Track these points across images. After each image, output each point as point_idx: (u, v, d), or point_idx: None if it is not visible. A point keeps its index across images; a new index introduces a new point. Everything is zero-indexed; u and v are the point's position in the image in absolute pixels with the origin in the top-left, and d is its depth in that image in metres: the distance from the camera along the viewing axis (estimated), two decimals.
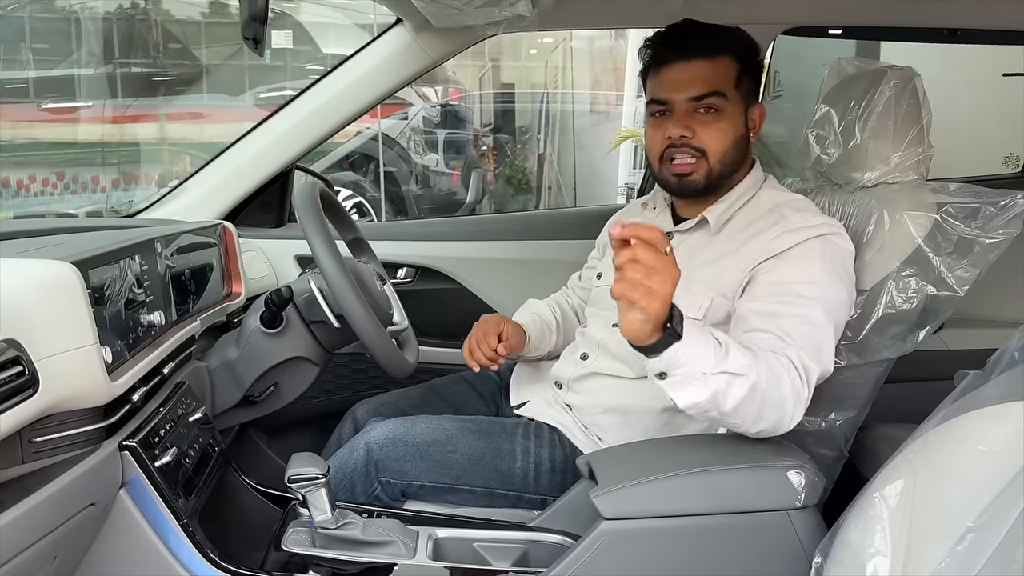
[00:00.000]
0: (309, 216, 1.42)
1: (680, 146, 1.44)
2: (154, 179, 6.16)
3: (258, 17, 1.13)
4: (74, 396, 1.06)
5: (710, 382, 1.14)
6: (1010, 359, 1.03)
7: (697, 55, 1.44)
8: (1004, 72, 3.44)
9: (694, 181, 1.45)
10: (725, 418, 1.21)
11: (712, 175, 1.45)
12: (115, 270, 1.20)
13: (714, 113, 1.43)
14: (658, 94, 1.47)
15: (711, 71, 1.43)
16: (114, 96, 6.42)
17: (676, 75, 1.44)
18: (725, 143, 1.44)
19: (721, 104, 1.43)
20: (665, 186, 1.53)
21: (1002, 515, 0.89)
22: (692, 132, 1.43)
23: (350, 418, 1.70)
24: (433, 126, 6.80)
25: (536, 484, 1.49)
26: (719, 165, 1.45)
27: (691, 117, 1.44)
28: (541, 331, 1.72)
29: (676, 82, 1.44)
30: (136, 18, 6.77)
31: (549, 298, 1.84)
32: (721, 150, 1.44)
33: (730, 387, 1.15)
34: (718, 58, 1.44)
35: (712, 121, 1.44)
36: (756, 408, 1.19)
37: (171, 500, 1.23)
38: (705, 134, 1.43)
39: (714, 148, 1.44)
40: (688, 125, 1.43)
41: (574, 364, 1.61)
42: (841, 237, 1.40)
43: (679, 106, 1.44)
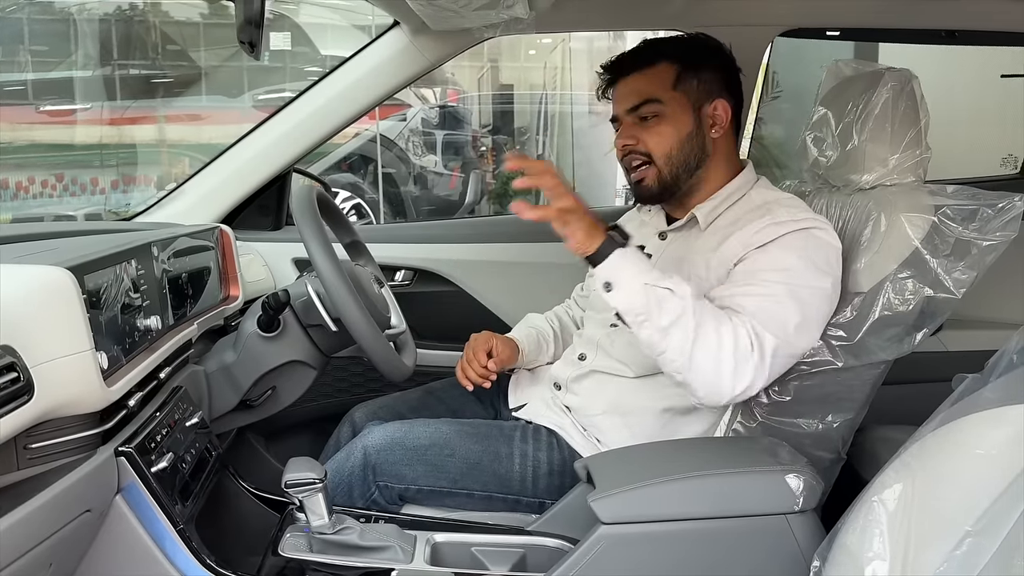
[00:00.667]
0: (306, 219, 1.42)
1: (630, 155, 1.53)
2: (153, 181, 6.15)
3: (254, 21, 1.13)
4: (70, 402, 1.06)
5: (648, 292, 1.27)
6: (1009, 362, 1.03)
7: (631, 70, 1.53)
8: (1002, 73, 3.44)
9: (648, 186, 1.53)
10: (663, 342, 1.28)
11: (663, 176, 1.51)
12: (111, 275, 1.20)
13: (654, 119, 1.50)
14: (612, 113, 1.57)
15: (644, 81, 1.51)
16: (112, 98, 6.41)
17: (618, 92, 1.55)
18: (668, 144, 1.50)
19: (658, 109, 1.50)
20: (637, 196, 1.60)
21: (1001, 519, 0.89)
22: (636, 139, 1.51)
23: (348, 421, 1.70)
24: (432, 127, 6.79)
25: (534, 487, 1.49)
26: (667, 166, 1.50)
27: (634, 127, 1.52)
28: (537, 343, 1.73)
29: (618, 98, 1.55)
30: (134, 20, 6.77)
31: (549, 311, 1.85)
32: (665, 152, 1.50)
33: (666, 301, 1.27)
34: (652, 66, 1.52)
35: (653, 126, 1.50)
36: (691, 337, 1.26)
37: (167, 506, 1.22)
38: (648, 139, 1.50)
39: (657, 151, 1.50)
40: (632, 134, 1.52)
41: (572, 365, 1.61)
42: (826, 232, 1.42)
43: (623, 119, 1.54)
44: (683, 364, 1.29)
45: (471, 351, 1.62)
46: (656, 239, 1.60)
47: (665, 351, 1.29)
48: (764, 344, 1.30)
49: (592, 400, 1.55)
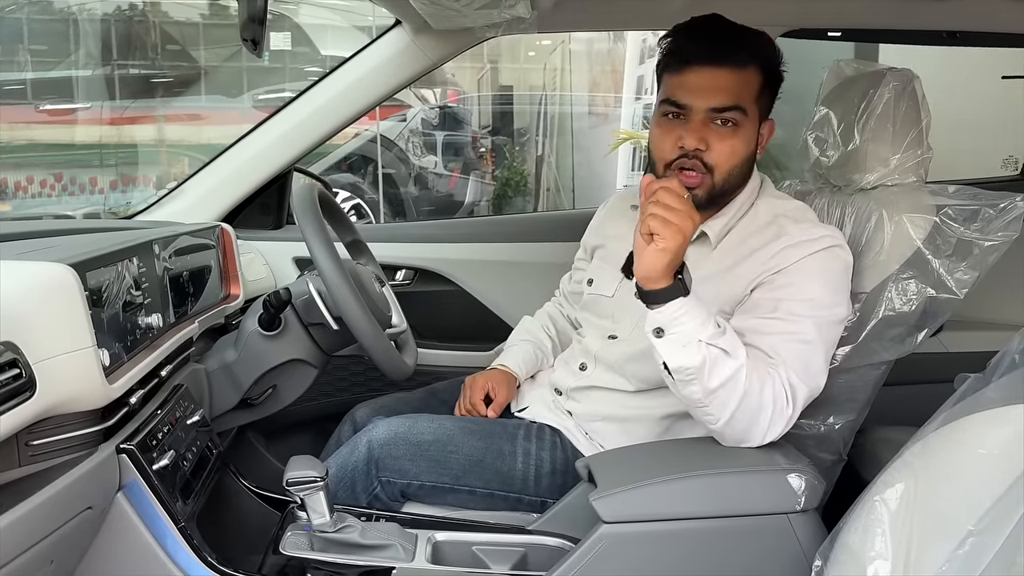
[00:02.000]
0: (308, 218, 1.42)
1: (691, 158, 1.37)
2: (152, 181, 6.16)
3: (257, 18, 1.13)
4: (71, 399, 1.06)
5: (703, 350, 1.18)
6: (1011, 362, 1.03)
7: (728, 63, 1.35)
8: (1003, 75, 3.44)
9: (696, 195, 1.36)
10: (705, 400, 1.22)
11: (715, 191, 1.40)
12: (113, 272, 1.20)
13: (731, 128, 1.37)
14: (677, 96, 1.37)
15: (737, 82, 1.36)
16: (112, 98, 6.41)
17: (701, 80, 1.36)
18: (734, 161, 1.38)
19: (740, 119, 1.36)
20: None
21: (1003, 519, 0.89)
22: (706, 145, 1.36)
23: (349, 420, 1.70)
24: (432, 128, 6.80)
25: (537, 486, 1.49)
26: (723, 183, 1.39)
27: (707, 128, 1.36)
28: (536, 359, 1.72)
29: (700, 87, 1.36)
30: (134, 20, 6.77)
31: (542, 313, 1.83)
32: (729, 168, 1.38)
33: (719, 363, 1.19)
34: (747, 69, 1.37)
35: (728, 136, 1.37)
36: (737, 399, 1.22)
37: (169, 503, 1.22)
38: (719, 150, 1.36)
39: (723, 166, 1.38)
40: (703, 137, 1.36)
41: (573, 375, 1.60)
42: (842, 248, 1.38)
43: (697, 114, 1.36)
44: (721, 420, 1.24)
45: (469, 401, 1.62)
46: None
47: (707, 407, 1.23)
48: (798, 397, 1.28)
49: (592, 408, 1.55)
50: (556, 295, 1.87)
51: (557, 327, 1.80)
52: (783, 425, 1.28)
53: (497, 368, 1.69)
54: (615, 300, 1.55)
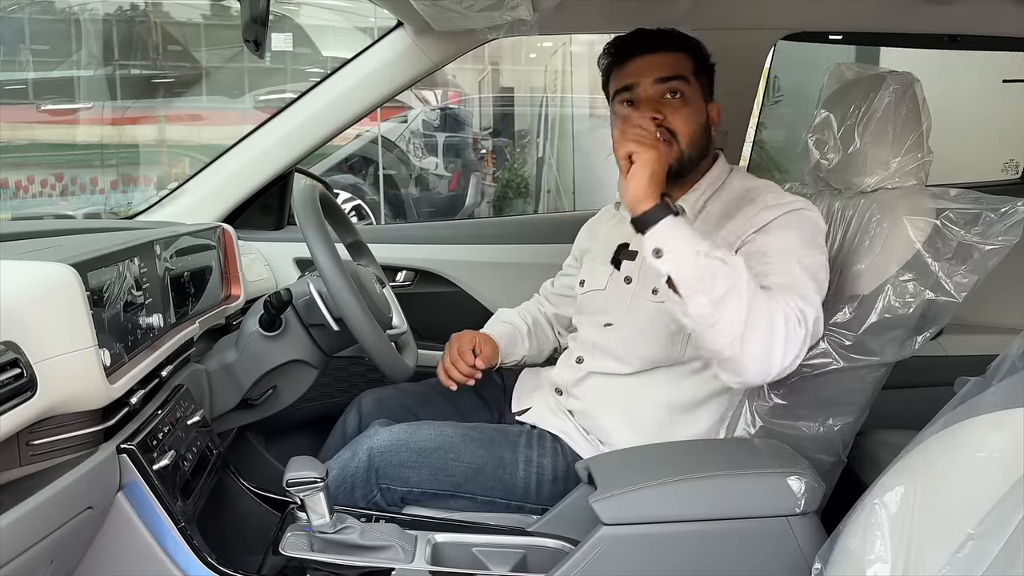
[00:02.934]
0: (309, 219, 1.42)
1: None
2: (153, 181, 6.16)
3: (259, 19, 1.13)
4: (72, 399, 1.06)
5: (701, 261, 1.21)
6: (1011, 365, 1.03)
7: (659, 48, 1.52)
8: (1004, 79, 3.44)
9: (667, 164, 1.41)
10: (715, 312, 1.21)
11: (683, 158, 1.49)
12: (114, 272, 1.20)
13: (680, 98, 1.49)
14: (626, 81, 1.52)
15: (672, 60, 1.51)
16: (113, 98, 6.41)
17: (642, 63, 1.51)
18: (692, 127, 1.50)
19: (685, 89, 1.49)
20: None
21: (1003, 522, 0.89)
22: (662, 115, 1.47)
23: (355, 408, 1.71)
24: (432, 129, 6.80)
25: (538, 494, 1.49)
26: (689, 148, 1.49)
27: (659, 102, 1.49)
28: (512, 338, 1.74)
29: (642, 68, 1.51)
30: (136, 20, 6.77)
31: (520, 307, 1.86)
32: (689, 133, 1.49)
33: (720, 272, 1.21)
34: (679, 53, 1.52)
35: (680, 106, 1.49)
36: (745, 307, 1.22)
37: (169, 503, 1.22)
38: (674, 117, 1.48)
39: (684, 131, 1.49)
40: (658, 109, 1.48)
41: (571, 368, 1.61)
42: (814, 212, 1.45)
43: (647, 90, 1.50)
44: (736, 335, 1.22)
45: (455, 351, 1.62)
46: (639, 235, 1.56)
47: (718, 322, 1.22)
48: (806, 316, 1.29)
49: (594, 402, 1.55)
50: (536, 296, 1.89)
51: (534, 318, 1.82)
52: (798, 345, 1.27)
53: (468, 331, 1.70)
54: (607, 292, 1.60)
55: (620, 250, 1.62)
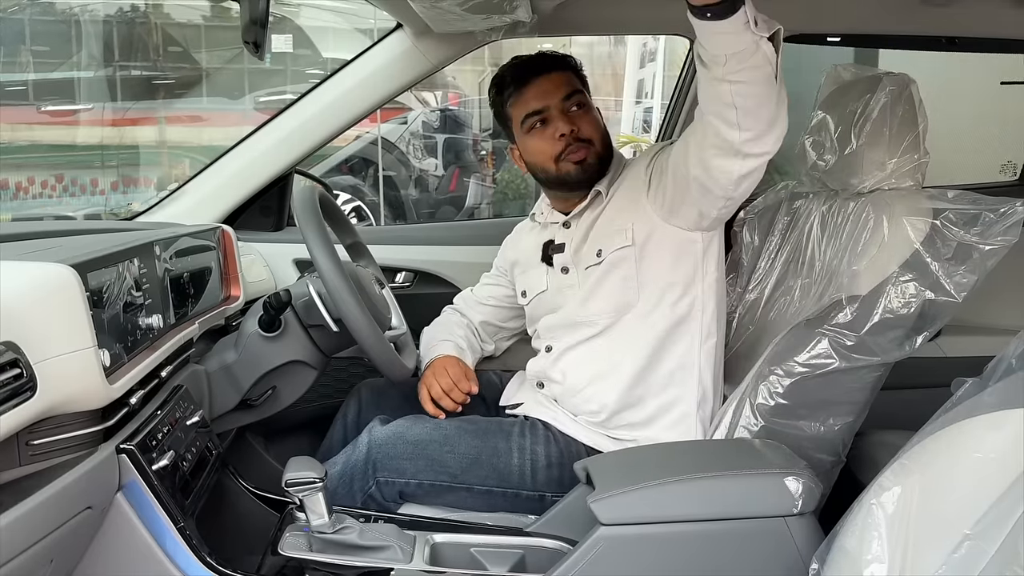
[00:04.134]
0: (308, 220, 1.42)
1: (571, 144, 1.61)
2: (153, 182, 6.16)
3: (259, 21, 1.13)
4: (72, 399, 1.06)
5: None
6: (1008, 366, 1.03)
7: (551, 69, 1.65)
8: (1002, 80, 3.44)
9: (591, 164, 1.63)
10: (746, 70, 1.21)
11: (601, 156, 1.65)
12: (114, 273, 1.20)
13: (583, 108, 1.64)
14: (532, 106, 1.64)
15: (564, 78, 1.65)
16: (114, 99, 6.41)
17: (541, 86, 1.64)
18: (599, 129, 1.66)
19: (584, 100, 1.65)
20: (566, 181, 1.65)
21: (1000, 523, 0.89)
22: (576, 126, 1.62)
23: (355, 398, 1.75)
24: (432, 131, 6.80)
25: (533, 480, 1.51)
26: (602, 148, 1.65)
27: (567, 117, 1.62)
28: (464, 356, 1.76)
29: (545, 91, 1.63)
30: (136, 21, 6.77)
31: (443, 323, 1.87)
32: (600, 136, 1.65)
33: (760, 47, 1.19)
34: (564, 71, 1.66)
35: (584, 114, 1.64)
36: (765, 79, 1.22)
37: (168, 503, 1.22)
38: (584, 125, 1.63)
39: (596, 135, 1.64)
40: (570, 121, 1.62)
41: (543, 358, 1.67)
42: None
43: (555, 108, 1.62)
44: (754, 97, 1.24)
45: (448, 380, 1.63)
46: (560, 229, 1.71)
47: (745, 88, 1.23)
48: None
49: (573, 379, 1.60)
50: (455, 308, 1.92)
51: (464, 332, 1.84)
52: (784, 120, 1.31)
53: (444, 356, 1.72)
54: (550, 290, 1.69)
55: (546, 248, 1.72)
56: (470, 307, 1.90)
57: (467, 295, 1.93)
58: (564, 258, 1.68)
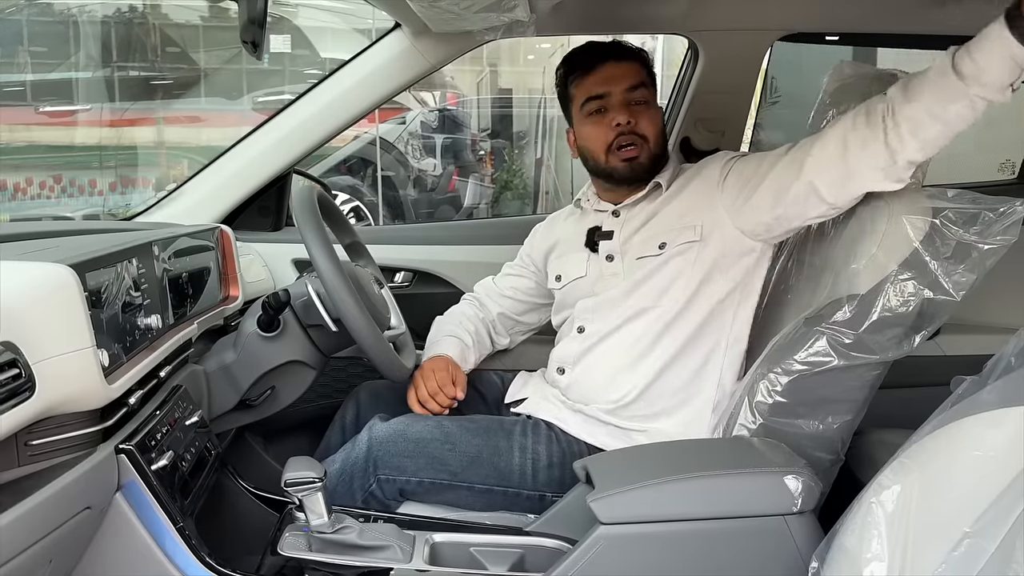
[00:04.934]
0: (307, 220, 1.42)
1: (626, 134, 1.61)
2: (151, 183, 6.15)
3: (257, 21, 1.13)
4: (71, 399, 1.06)
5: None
6: (1007, 364, 1.03)
7: (621, 58, 1.64)
8: None
9: (642, 163, 1.63)
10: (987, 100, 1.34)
11: (653, 156, 1.63)
12: (112, 273, 1.20)
13: (644, 104, 1.63)
14: (595, 90, 1.64)
15: (632, 68, 1.64)
16: (112, 100, 6.41)
17: (608, 72, 1.63)
18: (658, 128, 1.65)
19: (648, 96, 1.64)
20: (612, 175, 1.66)
21: (999, 520, 0.89)
22: (634, 120, 1.61)
23: (353, 400, 1.73)
24: (431, 131, 6.80)
25: (534, 480, 1.51)
26: (657, 148, 1.64)
27: (628, 108, 1.62)
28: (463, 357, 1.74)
29: (610, 77, 1.63)
30: (134, 22, 6.77)
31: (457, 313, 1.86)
32: (656, 134, 1.64)
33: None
34: (634, 61, 1.66)
35: (645, 110, 1.63)
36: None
37: (167, 503, 1.22)
38: (643, 121, 1.62)
39: (652, 132, 1.63)
40: (628, 114, 1.61)
41: (574, 340, 1.65)
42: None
43: (616, 97, 1.62)
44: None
45: (434, 384, 1.62)
46: (609, 217, 1.69)
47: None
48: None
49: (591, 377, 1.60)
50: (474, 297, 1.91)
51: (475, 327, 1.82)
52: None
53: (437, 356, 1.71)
54: (589, 276, 1.66)
55: (591, 234, 1.70)
56: (491, 298, 1.88)
57: (488, 284, 1.91)
58: (611, 246, 1.66)
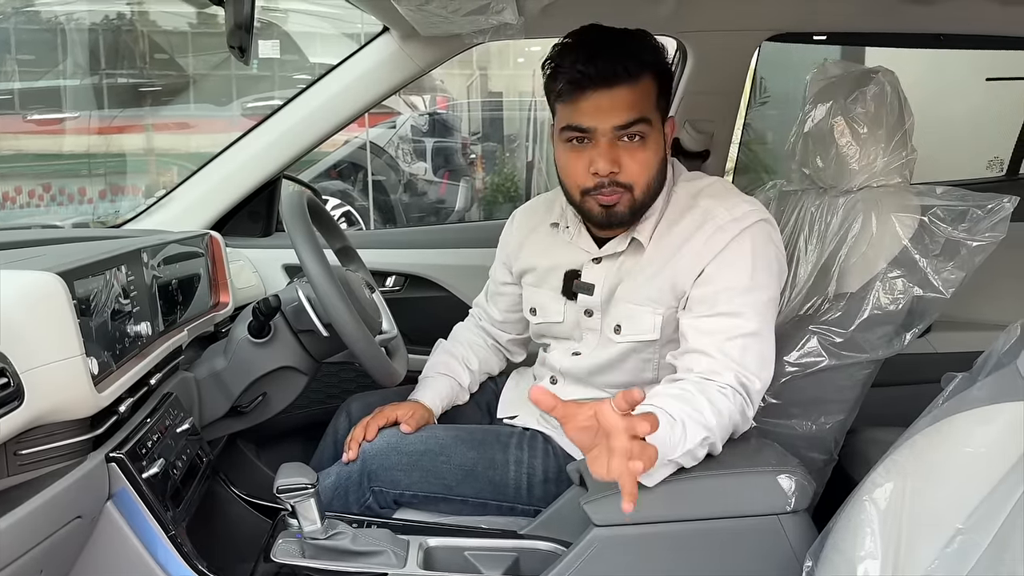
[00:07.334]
0: (296, 225, 1.41)
1: (605, 185, 1.35)
2: (141, 190, 6.13)
3: (243, 25, 1.13)
4: (60, 408, 1.05)
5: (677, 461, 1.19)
6: (997, 361, 1.04)
7: (621, 81, 1.31)
8: (987, 77, 3.47)
9: (620, 213, 1.37)
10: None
11: (636, 205, 1.38)
12: (101, 281, 1.19)
13: (639, 141, 1.34)
14: (578, 121, 1.34)
15: (634, 96, 1.32)
16: (100, 107, 6.39)
17: (599, 102, 1.32)
18: (650, 174, 1.37)
19: (646, 131, 1.34)
20: (588, 217, 1.44)
21: (991, 516, 0.89)
22: (619, 166, 1.34)
23: (344, 412, 1.69)
24: (421, 135, 6.79)
25: (529, 495, 1.49)
26: (643, 196, 1.38)
27: (615, 147, 1.34)
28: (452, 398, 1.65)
29: (599, 109, 1.32)
30: (122, 29, 6.75)
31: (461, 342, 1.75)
32: (646, 182, 1.37)
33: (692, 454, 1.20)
34: (641, 80, 1.33)
35: (638, 150, 1.34)
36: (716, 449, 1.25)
37: (159, 512, 1.22)
38: (632, 167, 1.34)
39: (640, 181, 1.36)
40: (614, 158, 1.33)
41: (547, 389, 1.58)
42: (768, 222, 1.38)
43: (603, 135, 1.33)
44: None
45: (361, 427, 1.50)
46: (591, 264, 1.48)
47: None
48: (753, 395, 1.30)
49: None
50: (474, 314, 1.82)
51: (480, 358, 1.73)
52: (748, 425, 1.32)
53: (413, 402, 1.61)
54: (566, 325, 1.54)
55: (570, 280, 1.50)
56: (495, 328, 1.76)
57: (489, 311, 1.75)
58: (592, 301, 1.47)
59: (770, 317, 1.35)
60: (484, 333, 1.79)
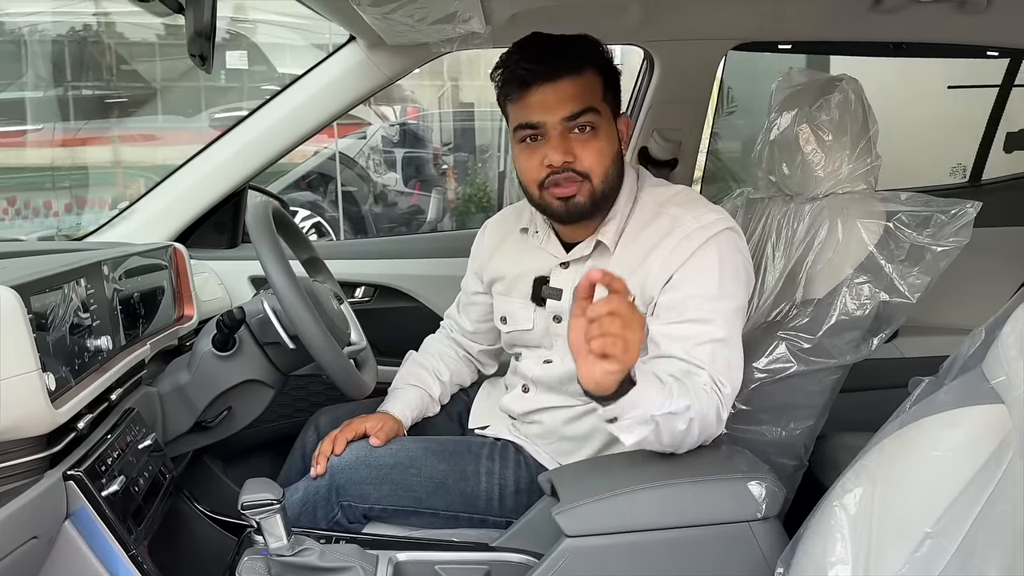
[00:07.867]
0: (261, 235, 1.39)
1: (562, 172, 1.36)
2: (107, 203, 6.05)
3: (204, 33, 1.11)
4: (15, 425, 1.03)
5: (658, 421, 1.18)
6: (963, 365, 1.05)
7: (565, 74, 1.35)
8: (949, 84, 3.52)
9: (580, 203, 1.38)
10: (663, 448, 1.25)
11: (596, 195, 1.38)
12: (59, 295, 1.17)
13: (590, 132, 1.36)
14: (528, 118, 1.37)
15: (579, 87, 1.35)
16: (66, 119, 6.30)
17: (545, 96, 1.35)
18: (605, 162, 1.38)
19: (595, 121, 1.36)
20: (548, 213, 1.45)
21: (959, 520, 0.90)
22: (573, 156, 1.36)
23: (312, 426, 1.67)
24: (392, 145, 6.77)
25: (501, 506, 1.47)
26: (602, 185, 1.38)
27: (567, 139, 1.36)
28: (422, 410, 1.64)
29: (546, 103, 1.35)
30: (88, 40, 6.67)
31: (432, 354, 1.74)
32: (603, 170, 1.38)
33: (671, 422, 1.20)
34: (584, 74, 1.36)
35: (590, 140, 1.36)
36: (692, 436, 1.25)
37: (119, 530, 1.18)
38: (586, 156, 1.36)
39: (596, 170, 1.37)
40: (567, 148, 1.35)
41: (519, 398, 1.58)
42: (734, 231, 1.39)
43: (553, 128, 1.36)
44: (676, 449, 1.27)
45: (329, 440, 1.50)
46: (559, 269, 1.49)
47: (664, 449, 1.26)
48: (726, 397, 1.30)
49: (545, 429, 1.53)
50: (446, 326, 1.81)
51: (451, 369, 1.72)
52: (721, 429, 1.31)
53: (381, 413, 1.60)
54: (536, 332, 1.54)
55: (539, 286, 1.51)
56: (466, 339, 1.76)
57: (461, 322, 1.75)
58: (560, 306, 1.47)
59: (738, 325, 1.36)
60: (455, 344, 1.78)
